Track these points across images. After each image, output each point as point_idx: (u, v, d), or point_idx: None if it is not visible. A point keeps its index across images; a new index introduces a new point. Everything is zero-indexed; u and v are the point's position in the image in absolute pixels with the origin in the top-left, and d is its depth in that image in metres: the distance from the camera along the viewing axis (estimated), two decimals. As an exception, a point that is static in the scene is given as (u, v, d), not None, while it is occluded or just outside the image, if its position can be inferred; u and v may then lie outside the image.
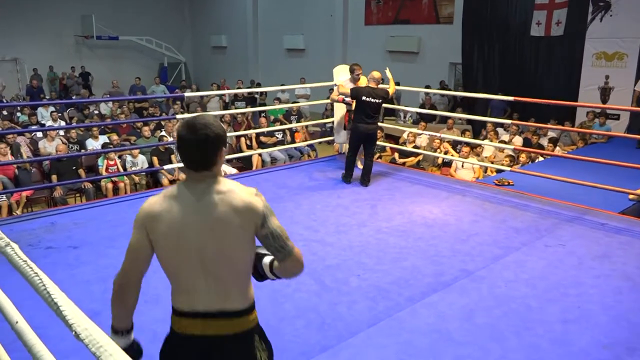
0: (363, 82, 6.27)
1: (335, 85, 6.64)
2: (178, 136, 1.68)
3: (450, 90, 12.76)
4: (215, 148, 1.69)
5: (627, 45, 9.83)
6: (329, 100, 7.21)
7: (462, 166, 7.75)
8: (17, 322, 1.53)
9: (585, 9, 10.17)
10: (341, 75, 6.85)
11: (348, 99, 6.29)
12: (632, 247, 4.35)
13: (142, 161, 8.09)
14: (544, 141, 8.83)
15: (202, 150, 1.67)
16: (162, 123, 9.57)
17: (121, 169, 7.89)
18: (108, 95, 14.36)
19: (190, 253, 1.70)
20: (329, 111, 11.03)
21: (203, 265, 1.70)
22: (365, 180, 6.12)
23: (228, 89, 14.58)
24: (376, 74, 6.06)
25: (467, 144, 7.99)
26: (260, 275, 1.89)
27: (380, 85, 6.10)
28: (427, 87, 12.60)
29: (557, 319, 3.23)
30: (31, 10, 16.80)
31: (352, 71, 6.43)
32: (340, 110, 6.83)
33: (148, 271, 1.91)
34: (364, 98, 5.90)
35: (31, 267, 1.41)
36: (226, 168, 8.05)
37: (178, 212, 1.68)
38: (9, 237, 1.75)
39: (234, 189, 1.71)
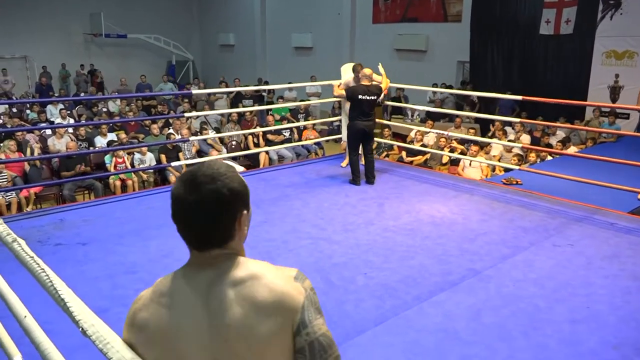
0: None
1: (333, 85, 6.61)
2: (173, 197, 1.14)
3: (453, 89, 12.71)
4: (230, 212, 1.12)
5: (638, 43, 9.75)
6: (337, 98, 7.19)
7: (470, 165, 7.72)
8: (25, 317, 1.54)
9: (595, 7, 10.09)
10: (349, 73, 6.84)
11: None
12: (641, 247, 4.31)
13: (150, 159, 8.12)
14: (553, 140, 8.78)
15: (208, 217, 1.10)
16: (170, 121, 9.61)
17: (129, 167, 7.94)
18: (116, 93, 14.43)
19: None
20: (337, 109, 11.02)
21: None
22: (370, 178, 6.12)
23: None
24: (367, 71, 6.09)
25: (476, 142, 7.95)
26: None
27: (374, 82, 6.13)
28: (434, 85, 12.57)
29: (565, 318, 3.21)
30: (40, 8, 16.90)
31: (354, 70, 6.44)
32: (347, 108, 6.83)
33: (155, 266, 1.89)
34: (360, 97, 5.94)
35: (38, 264, 1.42)
36: (231, 164, 8.06)
37: (173, 321, 1.10)
38: (19, 234, 1.76)
39: (259, 274, 1.12)
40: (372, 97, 5.96)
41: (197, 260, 1.16)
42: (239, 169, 7.72)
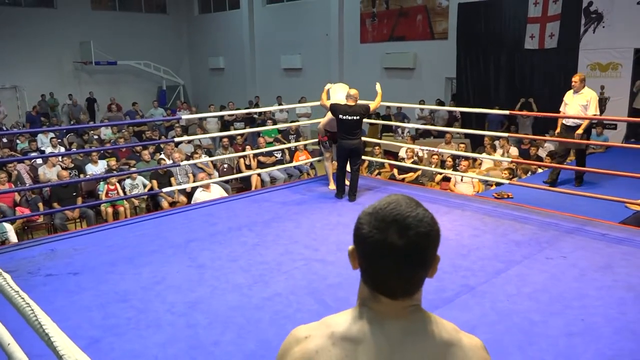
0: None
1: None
2: (366, 238, 0.98)
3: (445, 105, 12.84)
4: (432, 258, 1.01)
5: (621, 55, 9.91)
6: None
7: (462, 180, 7.75)
8: (9, 344, 1.52)
9: (577, 21, 10.28)
10: (338, 94, 6.88)
11: (324, 138, 6.69)
12: (634, 257, 4.32)
13: (141, 184, 8.10)
14: (543, 152, 8.84)
15: (415, 266, 0.98)
16: (162, 146, 9.61)
17: (121, 193, 7.91)
18: (107, 120, 14.45)
19: None
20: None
21: None
22: (352, 195, 6.19)
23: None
24: (352, 91, 6.14)
25: (466, 158, 8.00)
26: None
27: (363, 101, 6.19)
28: (421, 102, 12.68)
29: (561, 332, 3.20)
30: (30, 38, 17.01)
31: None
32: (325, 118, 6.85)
33: (147, 293, 1.87)
34: (340, 116, 6.00)
35: (23, 298, 1.41)
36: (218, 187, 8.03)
37: None
38: (9, 265, 1.76)
39: (458, 341, 1.04)
40: (355, 117, 5.98)
41: (385, 308, 1.01)
42: (223, 193, 7.65)
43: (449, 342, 1.01)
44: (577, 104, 6.38)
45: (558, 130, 6.82)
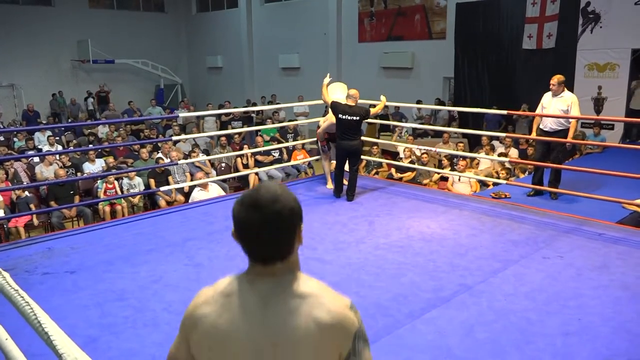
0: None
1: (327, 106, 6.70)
2: (236, 218, 1.21)
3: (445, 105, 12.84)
4: (291, 230, 1.22)
5: (618, 55, 9.94)
6: (324, 119, 7.23)
7: (459, 180, 7.76)
8: (6, 339, 1.52)
9: (575, 21, 10.30)
10: (336, 93, 6.89)
11: (323, 143, 6.72)
12: (630, 257, 4.34)
13: (139, 183, 8.09)
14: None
15: (273, 236, 1.20)
16: (159, 145, 9.60)
17: (119, 192, 7.89)
18: (104, 119, 14.42)
19: None
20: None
21: None
22: (350, 195, 6.19)
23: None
24: (352, 92, 6.15)
25: (464, 158, 8.01)
26: None
27: (364, 103, 6.22)
28: (419, 102, 12.69)
29: (557, 331, 3.21)
30: (27, 36, 16.96)
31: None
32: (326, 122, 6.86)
33: (145, 292, 1.87)
34: (339, 115, 6.01)
35: (22, 296, 1.41)
36: (216, 187, 8.04)
37: (231, 320, 1.20)
38: (7, 264, 1.76)
39: (318, 294, 1.22)
40: (354, 118, 5.98)
41: (260, 271, 1.23)
42: (221, 192, 7.66)
43: (307, 294, 1.20)
44: (557, 108, 5.96)
45: (533, 134, 6.33)
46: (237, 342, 1.18)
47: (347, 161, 6.25)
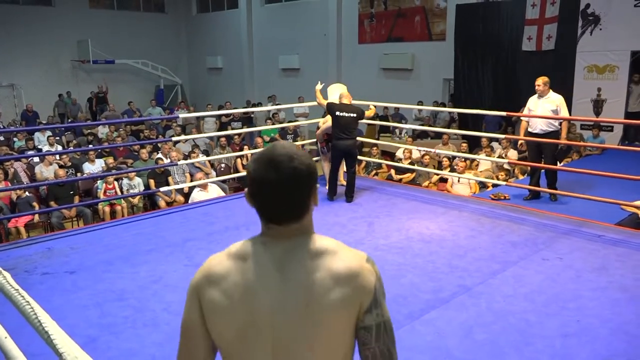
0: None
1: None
2: (252, 176, 1.18)
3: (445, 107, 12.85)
4: (307, 188, 1.21)
5: (618, 57, 9.94)
6: (324, 120, 7.25)
7: (459, 181, 7.77)
8: (5, 338, 1.52)
9: (575, 23, 10.30)
10: (335, 94, 6.91)
11: (322, 144, 6.79)
12: (629, 259, 4.35)
13: (138, 183, 8.09)
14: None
15: (290, 194, 1.17)
16: (159, 145, 9.60)
17: (119, 192, 7.90)
18: (104, 119, 14.41)
19: (259, 344, 1.16)
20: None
21: None
22: (349, 196, 6.20)
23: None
24: (345, 92, 6.33)
25: (464, 159, 8.02)
26: None
27: (362, 103, 6.34)
28: (420, 103, 12.70)
29: (556, 333, 3.22)
30: (27, 36, 16.96)
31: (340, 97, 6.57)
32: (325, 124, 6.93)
33: (144, 292, 1.87)
34: (337, 113, 6.06)
35: (22, 296, 1.41)
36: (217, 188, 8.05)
37: (247, 280, 1.16)
38: (7, 264, 1.76)
39: (335, 250, 1.20)
40: (352, 115, 6.06)
41: (274, 232, 1.20)
42: (221, 193, 7.66)
43: (323, 251, 1.18)
44: (546, 109, 5.92)
45: (522, 136, 6.28)
46: (255, 304, 1.15)
47: (344, 162, 6.26)
